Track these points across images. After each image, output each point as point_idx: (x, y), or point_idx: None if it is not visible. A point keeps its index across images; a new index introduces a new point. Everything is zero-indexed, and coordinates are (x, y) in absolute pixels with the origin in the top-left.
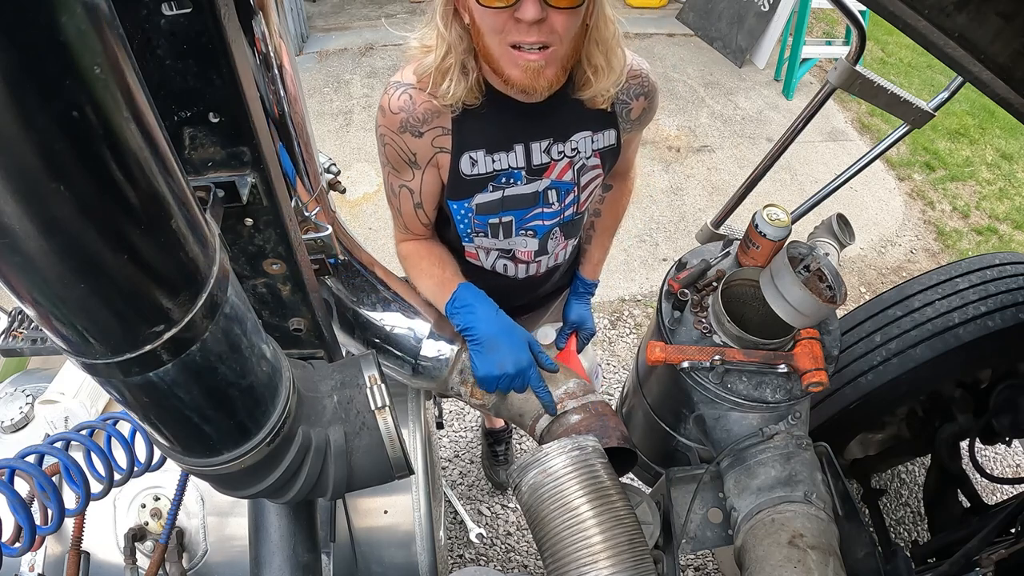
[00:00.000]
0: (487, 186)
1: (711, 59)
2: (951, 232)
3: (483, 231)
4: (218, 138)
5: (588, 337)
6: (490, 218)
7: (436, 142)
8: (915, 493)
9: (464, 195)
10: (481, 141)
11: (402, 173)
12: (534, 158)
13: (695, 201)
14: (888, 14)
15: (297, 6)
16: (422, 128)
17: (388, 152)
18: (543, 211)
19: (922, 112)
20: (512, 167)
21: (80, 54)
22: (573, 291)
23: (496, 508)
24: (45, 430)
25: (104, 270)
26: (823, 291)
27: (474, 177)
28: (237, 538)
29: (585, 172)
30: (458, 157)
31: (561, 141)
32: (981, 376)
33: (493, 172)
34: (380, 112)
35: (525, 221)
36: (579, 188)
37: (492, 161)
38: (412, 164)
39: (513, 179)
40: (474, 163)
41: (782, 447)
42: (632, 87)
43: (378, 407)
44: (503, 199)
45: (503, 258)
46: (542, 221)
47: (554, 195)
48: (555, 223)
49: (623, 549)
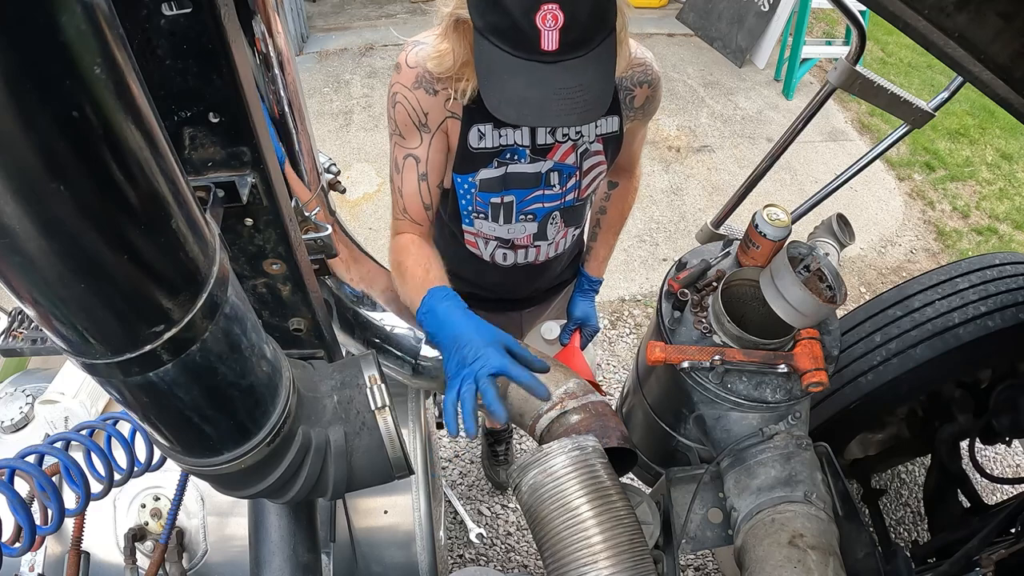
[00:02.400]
0: (492, 161)
1: (711, 59)
2: (951, 232)
3: (484, 212)
4: (218, 138)
5: (592, 334)
6: (491, 196)
7: (449, 106)
8: (915, 493)
9: (470, 168)
10: (489, 115)
11: (409, 139)
12: (539, 137)
13: (695, 201)
14: (888, 14)
15: (297, 6)
16: (437, 86)
17: (399, 113)
18: (544, 193)
19: (922, 112)
20: (517, 143)
21: (80, 54)
22: (578, 287)
23: (496, 508)
24: (45, 430)
25: (104, 270)
26: (823, 291)
27: (480, 150)
28: (237, 538)
29: (588, 156)
30: (467, 129)
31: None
32: (981, 376)
33: (499, 147)
34: (396, 69)
35: (526, 203)
36: (581, 173)
37: (499, 136)
38: (422, 127)
39: (517, 156)
40: (482, 136)
41: (782, 447)
42: (635, 75)
43: (378, 407)
44: (506, 176)
45: (502, 247)
46: (542, 204)
47: (556, 177)
48: (555, 206)
49: (623, 549)
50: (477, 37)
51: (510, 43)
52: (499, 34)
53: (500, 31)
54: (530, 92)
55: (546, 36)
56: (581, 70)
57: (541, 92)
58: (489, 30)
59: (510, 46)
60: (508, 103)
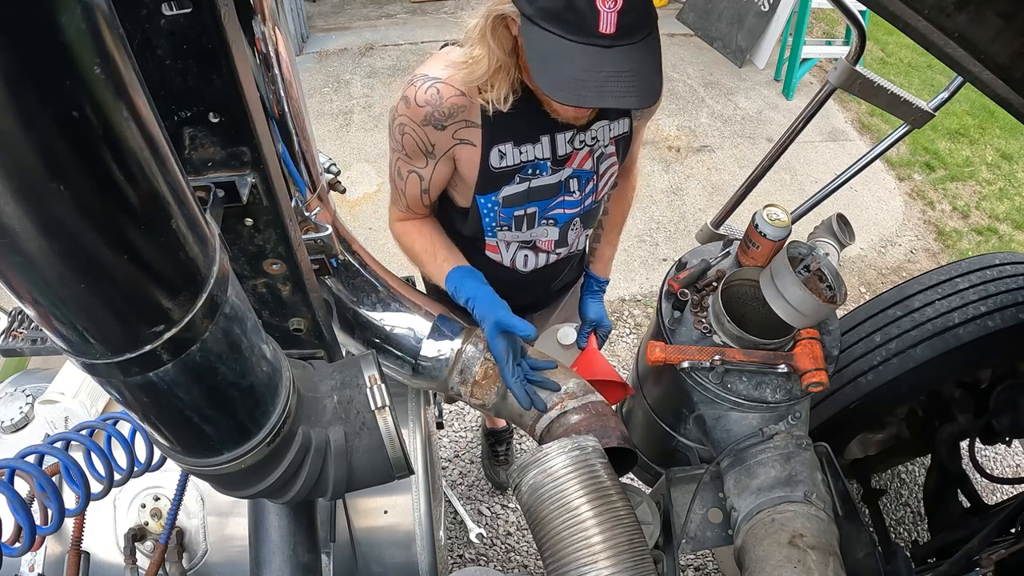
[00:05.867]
0: (514, 178)
1: (711, 59)
2: (951, 232)
3: (507, 224)
4: (218, 138)
5: (606, 334)
6: (515, 210)
7: (458, 135)
8: (915, 493)
9: (492, 188)
10: (509, 135)
11: (415, 161)
12: (559, 148)
13: (695, 201)
14: (888, 14)
15: (297, 6)
16: (446, 122)
17: (406, 141)
18: (564, 199)
19: (922, 112)
20: (539, 158)
21: (80, 54)
22: (587, 289)
23: (496, 508)
24: (45, 430)
25: (104, 270)
26: (823, 291)
27: (502, 170)
28: (237, 538)
29: (604, 160)
30: (488, 151)
31: (583, 131)
32: (981, 376)
33: (521, 164)
34: (404, 102)
35: (548, 211)
36: (598, 176)
37: (520, 153)
38: (428, 154)
39: (539, 170)
40: (503, 156)
41: (782, 447)
42: None
43: (378, 407)
44: (529, 190)
45: (524, 248)
46: (563, 210)
47: (575, 184)
48: (576, 213)
49: (623, 549)
50: (526, 25)
51: (565, 27)
52: (553, 18)
53: (554, 14)
54: (587, 75)
55: (604, 18)
56: (635, 56)
57: (599, 74)
58: (541, 16)
59: (565, 30)
60: (566, 84)
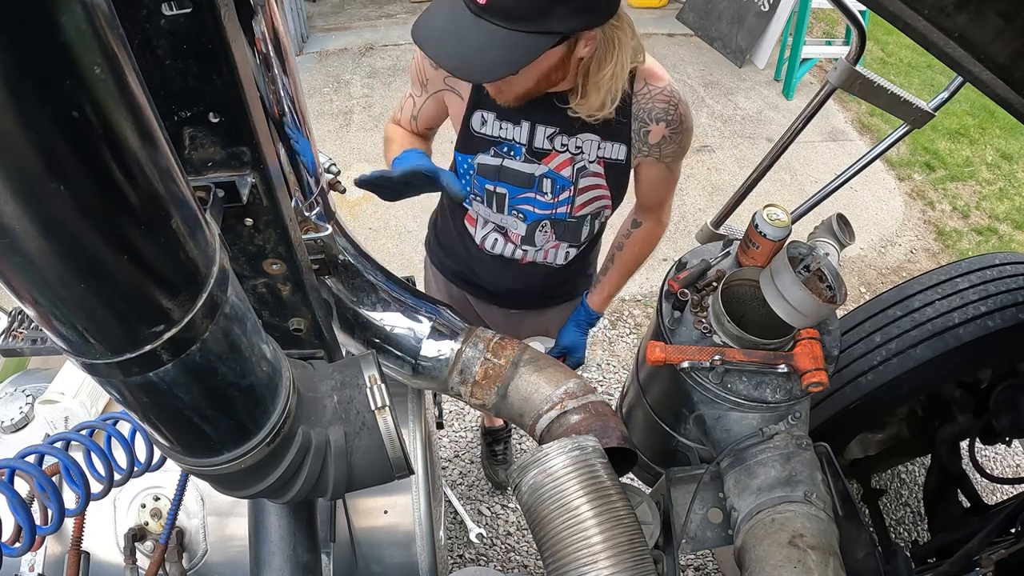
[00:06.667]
0: (490, 148)
1: (711, 59)
2: (951, 232)
3: (481, 196)
4: (218, 138)
5: (575, 365)
6: (487, 183)
7: (448, 80)
8: (915, 493)
9: (470, 150)
10: (492, 104)
11: (413, 86)
12: (536, 140)
13: (695, 201)
14: (888, 14)
15: (297, 6)
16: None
17: (413, 66)
18: (536, 198)
19: (922, 112)
20: (515, 140)
21: (80, 54)
22: (574, 316)
23: (496, 508)
24: (45, 430)
25: (104, 270)
26: (823, 291)
27: (480, 136)
28: (237, 538)
29: (584, 175)
30: (472, 111)
31: (567, 135)
32: (981, 376)
33: (498, 138)
34: None
35: (517, 201)
36: (575, 189)
37: (499, 127)
38: (423, 86)
39: (514, 152)
40: (484, 122)
41: (782, 447)
42: (655, 109)
43: (378, 407)
44: (501, 168)
45: (495, 232)
46: (532, 208)
47: (549, 185)
48: (546, 215)
49: (623, 549)
50: None
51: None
52: None
53: None
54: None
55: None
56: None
57: (450, 30)
58: None
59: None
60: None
